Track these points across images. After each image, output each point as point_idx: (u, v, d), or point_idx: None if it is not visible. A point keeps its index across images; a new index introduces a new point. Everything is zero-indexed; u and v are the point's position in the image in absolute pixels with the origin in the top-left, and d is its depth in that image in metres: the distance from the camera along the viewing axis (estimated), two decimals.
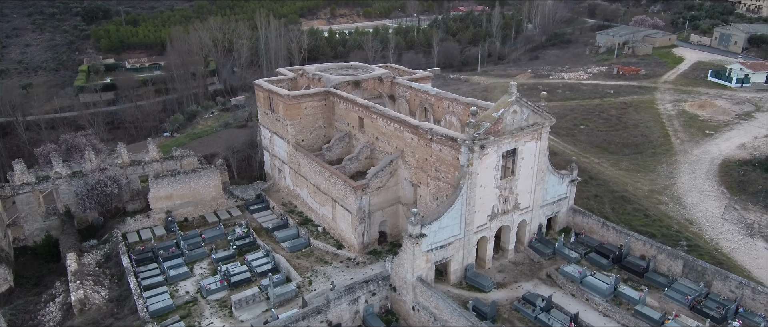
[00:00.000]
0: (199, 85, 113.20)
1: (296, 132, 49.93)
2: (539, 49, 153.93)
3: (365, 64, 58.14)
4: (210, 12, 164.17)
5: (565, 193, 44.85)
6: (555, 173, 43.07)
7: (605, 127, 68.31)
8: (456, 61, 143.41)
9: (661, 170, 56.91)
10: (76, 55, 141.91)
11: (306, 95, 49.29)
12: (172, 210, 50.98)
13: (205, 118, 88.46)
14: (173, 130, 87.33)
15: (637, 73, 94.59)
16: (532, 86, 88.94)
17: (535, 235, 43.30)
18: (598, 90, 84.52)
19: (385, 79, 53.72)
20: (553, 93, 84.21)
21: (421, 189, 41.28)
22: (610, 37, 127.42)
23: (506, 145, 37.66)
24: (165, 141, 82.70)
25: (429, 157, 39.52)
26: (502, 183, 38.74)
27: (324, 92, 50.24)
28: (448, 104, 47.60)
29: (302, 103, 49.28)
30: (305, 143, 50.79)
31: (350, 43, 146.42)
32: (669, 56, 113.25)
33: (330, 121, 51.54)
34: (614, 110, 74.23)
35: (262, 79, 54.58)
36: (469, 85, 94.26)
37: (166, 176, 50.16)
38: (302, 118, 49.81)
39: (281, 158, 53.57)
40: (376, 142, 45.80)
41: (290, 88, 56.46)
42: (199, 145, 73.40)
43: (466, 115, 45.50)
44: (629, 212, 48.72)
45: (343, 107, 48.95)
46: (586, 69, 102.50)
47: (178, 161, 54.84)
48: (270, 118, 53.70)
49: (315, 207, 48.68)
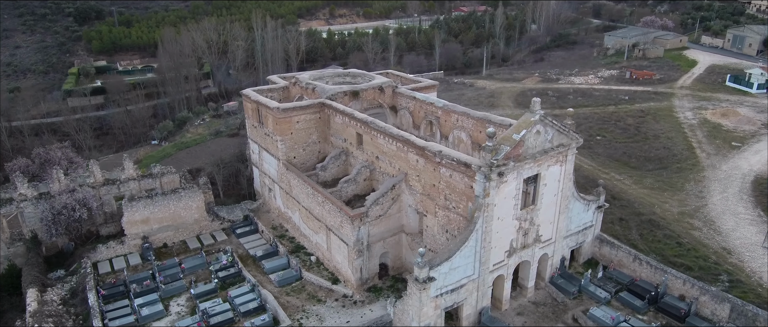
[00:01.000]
0: (192, 88, 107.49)
1: (287, 148, 44.28)
2: (544, 50, 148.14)
3: (364, 72, 52.49)
4: (206, 12, 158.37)
5: (591, 220, 39.22)
6: (580, 199, 37.43)
7: (624, 138, 62.59)
8: (458, 63, 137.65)
9: (689, 189, 51.24)
10: (66, 57, 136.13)
11: (298, 108, 43.63)
12: (149, 235, 45.34)
13: (195, 126, 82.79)
14: (162, 138, 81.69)
15: (651, 78, 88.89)
16: (541, 92, 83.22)
17: (557, 270, 37.70)
18: (612, 96, 78.83)
19: (386, 88, 48.06)
20: (564, 99, 78.52)
21: (428, 219, 35.64)
22: (619, 38, 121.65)
23: (528, 170, 32.04)
24: (153, 149, 77.15)
25: (437, 183, 33.87)
26: (522, 214, 33.12)
27: (318, 104, 44.58)
28: (456, 118, 41.97)
29: (294, 117, 43.63)
30: (297, 161, 45.16)
31: (350, 45, 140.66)
32: (681, 59, 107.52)
33: (325, 135, 45.90)
34: (631, 119, 68.53)
35: (251, 89, 48.90)
36: (474, 90, 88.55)
37: (141, 198, 44.50)
38: (294, 133, 44.16)
39: (271, 176, 47.95)
40: (376, 162, 40.15)
41: (282, 98, 50.84)
42: (186, 156, 67.77)
43: (477, 131, 39.96)
44: (660, 239, 43.08)
45: (340, 121, 43.31)
46: (597, 73, 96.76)
47: (157, 179, 49.18)
48: (259, 131, 48.06)
49: (308, 233, 43.06)
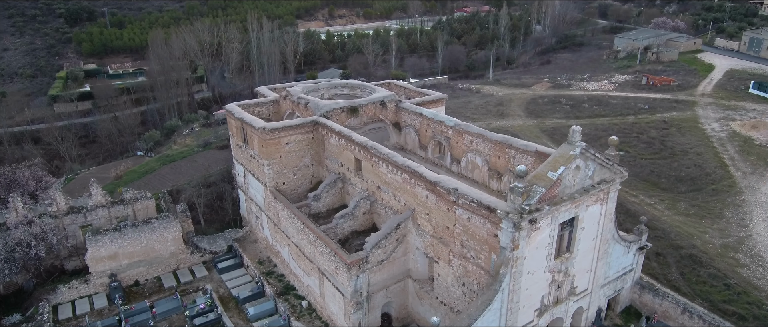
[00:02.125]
0: (183, 93, 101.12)
1: (275, 174, 38.06)
2: (550, 52, 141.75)
3: (364, 83, 46.23)
4: (201, 13, 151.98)
5: (632, 264, 33.03)
6: (621, 241, 31.20)
7: (649, 154, 56.31)
8: (462, 66, 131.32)
9: (729, 215, 45.02)
10: (55, 60, 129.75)
11: (287, 128, 37.38)
12: (118, 272, 39.19)
13: (183, 136, 76.54)
14: (148, 149, 75.46)
15: (670, 84, 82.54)
16: (552, 99, 76.93)
17: (592, 324, 31.51)
18: (630, 104, 72.52)
19: (388, 103, 41.82)
20: (578, 107, 72.24)
21: (440, 266, 29.45)
22: (631, 40, 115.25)
23: (564, 214, 25.84)
24: (138, 162, 70.88)
25: (452, 226, 27.68)
26: (555, 264, 26.95)
27: (311, 123, 38.33)
28: (470, 140, 35.77)
29: (282, 138, 37.40)
30: (287, 187, 38.94)
31: (349, 47, 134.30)
32: (697, 63, 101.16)
33: (319, 158, 39.69)
34: (655, 131, 62.23)
35: (235, 104, 42.63)
36: (481, 97, 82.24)
37: (108, 232, 38.30)
38: (283, 156, 37.94)
39: (258, 203, 41.75)
40: (377, 193, 33.94)
41: (271, 113, 44.61)
42: (170, 172, 61.53)
43: (495, 156, 33.78)
44: (704, 279, 36.89)
45: (336, 143, 37.07)
46: (610, 78, 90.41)
47: (129, 206, 42.95)
48: (244, 152, 41.85)
49: (298, 273, 36.86)
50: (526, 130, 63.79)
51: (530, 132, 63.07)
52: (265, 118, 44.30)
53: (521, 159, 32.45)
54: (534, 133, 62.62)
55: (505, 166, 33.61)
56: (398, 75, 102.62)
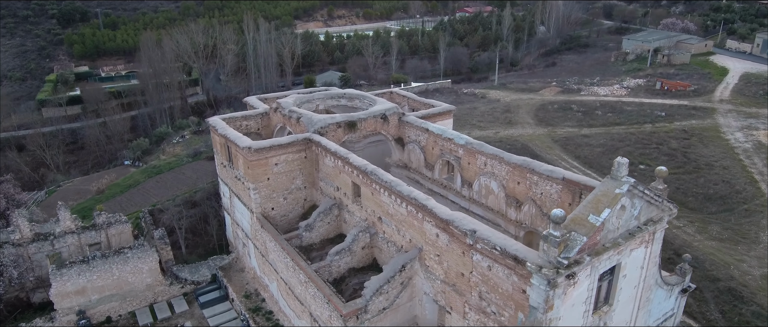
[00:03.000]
0: (174, 97, 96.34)
1: (262, 198, 33.36)
2: (554, 53, 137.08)
3: (363, 94, 41.49)
4: (197, 13, 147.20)
5: (673, 308, 28.33)
6: (663, 285, 26.49)
7: (672, 168, 51.54)
8: (465, 68, 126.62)
9: (765, 239, 40.35)
10: (46, 62, 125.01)
11: (276, 147, 32.64)
12: (88, 308, 34.53)
13: (173, 144, 71.84)
14: (135, 159, 70.78)
15: (685, 90, 77.80)
16: (563, 105, 72.19)
17: None
18: (646, 112, 67.82)
19: (390, 116, 37.10)
20: (591, 115, 67.53)
21: (453, 318, 24.76)
22: (639, 42, 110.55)
23: (605, 263, 21.12)
24: (123, 172, 66.24)
25: (468, 273, 23.00)
26: (593, 320, 22.25)
27: (303, 141, 33.61)
28: (484, 162, 31.08)
29: (271, 158, 32.69)
30: (277, 213, 34.25)
31: (349, 49, 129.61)
32: (710, 66, 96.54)
33: (313, 179, 34.99)
34: (675, 142, 57.54)
35: (219, 117, 37.90)
36: (487, 103, 77.50)
37: (74, 264, 33.61)
38: (271, 179, 33.23)
39: (244, 229, 37.07)
40: (378, 225, 29.26)
41: (260, 127, 39.90)
42: (155, 186, 56.83)
43: (514, 181, 29.11)
44: (747, 319, 32.28)
45: (331, 164, 32.37)
46: (622, 82, 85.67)
47: (102, 232, 38.22)
48: (229, 172, 37.16)
49: (288, 313, 32.18)
50: (536, 140, 59.10)
51: (542, 142, 58.37)
52: (254, 132, 39.64)
53: (545, 186, 27.78)
54: (546, 144, 57.94)
55: (526, 194, 28.94)
56: (399, 78, 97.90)
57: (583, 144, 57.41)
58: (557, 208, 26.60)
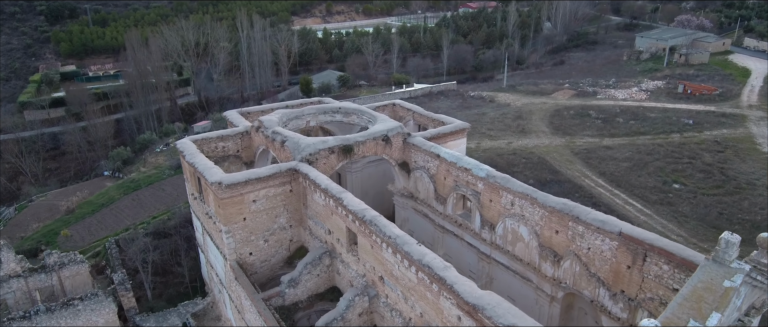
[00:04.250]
0: (162, 98, 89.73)
1: (238, 243, 26.96)
2: (562, 51, 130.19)
3: (360, 107, 34.92)
4: (191, 10, 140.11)
5: None
6: None
7: (711, 188, 45.11)
8: (469, 67, 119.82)
9: None
10: (32, 61, 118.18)
11: (254, 181, 26.17)
12: None
13: (155, 154, 65.36)
14: (114, 170, 64.36)
15: (710, 94, 71.14)
16: (579, 111, 65.59)
17: None
18: (671, 119, 61.25)
19: (393, 138, 30.64)
20: (612, 123, 60.96)
21: None
22: (653, 40, 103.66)
23: None
24: (101, 185, 59.92)
25: None
26: None
27: (288, 172, 27.15)
28: (510, 200, 24.67)
29: (247, 194, 26.25)
30: (256, 258, 27.87)
31: (347, 46, 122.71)
32: (730, 66, 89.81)
33: (300, 216, 28.58)
34: (709, 156, 51.03)
35: (189, 139, 31.38)
36: (496, 107, 70.90)
37: (14, 320, 27.28)
38: (248, 219, 26.80)
39: (219, 275, 30.70)
40: (379, 285, 22.86)
41: (241, 148, 33.42)
42: (130, 205, 50.45)
43: (551, 228, 22.79)
44: None
45: (321, 202, 25.94)
46: (640, 84, 78.98)
47: (53, 274, 31.85)
48: (200, 206, 30.73)
49: None
50: (554, 153, 52.61)
51: (560, 155, 51.88)
52: (233, 155, 33.20)
53: (593, 240, 21.40)
54: (565, 157, 51.45)
55: (567, 247, 22.55)
56: (401, 79, 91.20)
57: (606, 157, 50.94)
58: (612, 269, 20.27)
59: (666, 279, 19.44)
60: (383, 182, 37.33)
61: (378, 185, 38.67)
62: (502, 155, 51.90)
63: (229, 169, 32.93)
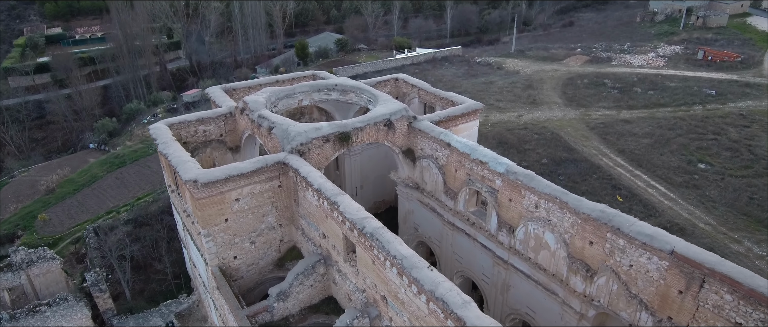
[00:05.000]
0: (149, 63, 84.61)
1: (219, 247, 23.45)
2: (571, 11, 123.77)
3: (360, 84, 30.64)
4: None
5: None
6: None
7: (739, 169, 41.38)
8: (474, 28, 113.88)
9: None
10: (16, 24, 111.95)
11: (236, 177, 22.34)
12: None
13: (142, 125, 61.25)
14: (100, 143, 60.49)
15: (732, 61, 66.30)
16: (594, 79, 61.04)
17: None
18: (692, 88, 56.84)
19: (397, 122, 26.66)
20: (629, 92, 56.62)
21: None
22: (669, 1, 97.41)
23: None
24: (85, 160, 56.22)
25: None
26: None
27: (275, 165, 23.31)
28: (534, 202, 21.04)
29: (229, 193, 22.52)
30: (241, 262, 24.43)
31: (346, 7, 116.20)
32: (749, 30, 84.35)
33: (291, 213, 24.95)
34: (734, 131, 47.03)
35: (164, 123, 27.36)
36: (505, 74, 66.24)
37: None
38: (231, 220, 23.17)
39: (202, 277, 27.38)
40: (382, 306, 19.46)
41: (224, 132, 29.46)
42: (113, 185, 46.85)
43: (584, 238, 19.30)
44: None
45: (314, 202, 22.23)
46: (656, 49, 73.93)
47: (20, 273, 28.52)
48: (179, 201, 27.06)
49: None
50: (568, 127, 48.59)
51: (575, 130, 47.88)
52: (216, 140, 29.27)
53: (637, 256, 17.86)
54: (580, 132, 47.47)
55: (604, 261, 19.03)
56: (402, 43, 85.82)
57: (625, 133, 46.97)
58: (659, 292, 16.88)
59: (728, 311, 15.98)
60: (385, 165, 33.65)
61: (379, 169, 35.00)
62: (513, 130, 47.88)
63: (211, 157, 29.11)
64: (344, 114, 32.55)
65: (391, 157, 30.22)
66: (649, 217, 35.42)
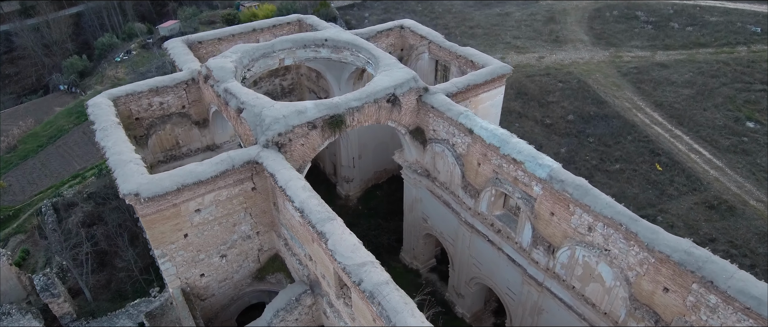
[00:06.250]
0: None
1: (180, 267, 18.40)
2: None
3: (357, 41, 23.77)
4: None
5: None
6: None
7: None
8: None
9: None
10: None
11: (193, 186, 16.68)
12: None
13: (115, 64, 54.15)
14: (70, 84, 53.83)
15: None
16: (624, 12, 52.90)
17: None
18: (734, 25, 49.06)
19: (403, 97, 20.58)
20: (665, 28, 48.96)
21: None
22: None
23: None
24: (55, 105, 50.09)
25: None
26: None
27: (245, 166, 17.55)
28: (588, 223, 15.71)
29: (185, 204, 17.01)
30: (211, 279, 19.53)
31: None
32: None
33: (269, 219, 19.60)
34: None
35: (105, 95, 21.15)
36: (522, 4, 57.75)
37: None
38: (192, 234, 17.90)
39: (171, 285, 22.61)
40: None
41: (188, 104, 23.35)
42: (81, 141, 41.19)
43: (655, 282, 14.19)
44: None
45: (297, 219, 16.73)
46: None
47: None
48: None
49: None
50: (597, 72, 41.92)
51: (605, 76, 41.26)
52: (177, 113, 23.21)
53: (733, 317, 12.82)
54: (610, 80, 40.90)
55: (680, 313, 14.05)
56: None
57: (662, 81, 40.37)
58: None
59: None
60: (386, 131, 27.81)
61: (380, 134, 29.29)
62: (533, 77, 41.26)
63: (172, 135, 23.25)
64: (338, 73, 26.20)
65: (395, 136, 24.36)
66: (693, 191, 30.18)
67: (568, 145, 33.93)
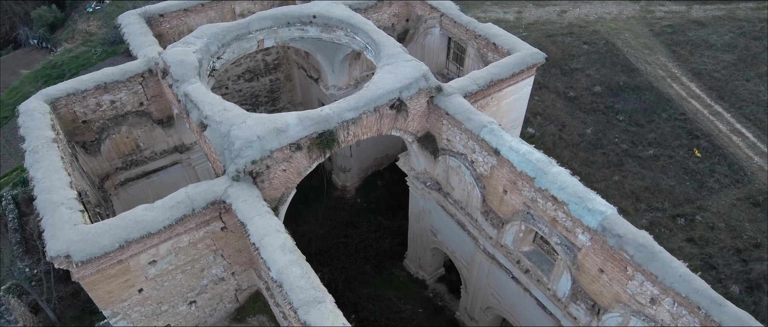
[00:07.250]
0: None
1: (140, 322, 14.85)
2: None
3: (352, 18, 18.80)
4: None
5: None
6: None
7: None
8: None
9: None
10: None
11: (140, 240, 12.73)
12: None
13: (86, 16, 48.11)
14: (40, 39, 48.18)
15: None
16: None
17: None
18: None
19: (410, 101, 16.10)
20: None
21: None
22: None
23: None
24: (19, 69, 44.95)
25: None
26: None
27: (209, 207, 13.48)
28: (650, 293, 11.99)
29: (133, 259, 13.16)
30: (181, 322, 16.08)
31: None
32: None
33: (247, 256, 15.83)
34: None
35: (41, 97, 16.64)
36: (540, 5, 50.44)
37: None
38: (148, 288, 14.22)
39: None
40: None
41: (147, 100, 18.79)
42: None
43: None
44: None
45: (276, 288, 12.94)
46: None
47: None
48: None
49: None
50: (626, 32, 36.54)
51: (635, 36, 35.95)
52: (133, 112, 18.76)
53: None
54: (641, 40, 35.64)
55: None
56: None
57: (699, 43, 35.13)
58: None
59: None
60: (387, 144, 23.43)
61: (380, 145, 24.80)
62: (554, 37, 35.96)
63: (131, 138, 18.97)
64: (331, 54, 21.44)
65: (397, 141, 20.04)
66: (735, 184, 26.25)
67: (594, 125, 29.52)
